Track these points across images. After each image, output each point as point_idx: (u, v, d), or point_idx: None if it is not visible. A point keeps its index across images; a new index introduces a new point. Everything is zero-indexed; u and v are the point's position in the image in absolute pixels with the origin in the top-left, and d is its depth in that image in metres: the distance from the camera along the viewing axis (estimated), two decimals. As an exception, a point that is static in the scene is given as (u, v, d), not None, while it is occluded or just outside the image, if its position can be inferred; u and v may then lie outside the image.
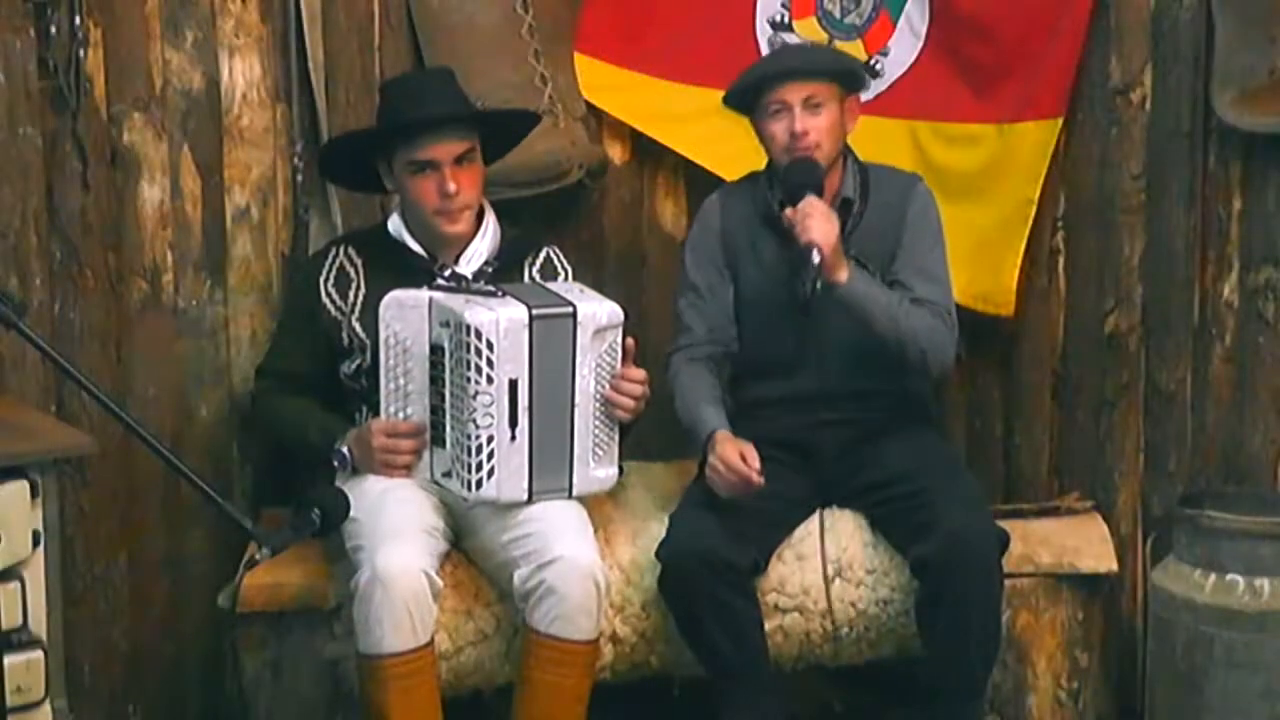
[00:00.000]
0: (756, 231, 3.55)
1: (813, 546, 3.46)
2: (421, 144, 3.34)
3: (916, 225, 3.51)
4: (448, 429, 3.28)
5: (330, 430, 3.43)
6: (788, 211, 3.38)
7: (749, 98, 3.51)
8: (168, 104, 3.69)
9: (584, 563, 3.18)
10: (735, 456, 3.31)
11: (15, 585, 3.03)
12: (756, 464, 3.31)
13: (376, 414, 3.38)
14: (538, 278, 3.51)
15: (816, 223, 3.30)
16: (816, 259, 3.27)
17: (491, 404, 3.20)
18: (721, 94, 3.98)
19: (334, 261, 3.50)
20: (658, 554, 3.32)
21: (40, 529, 3.07)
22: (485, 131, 3.44)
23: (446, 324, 3.24)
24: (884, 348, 3.42)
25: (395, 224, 3.48)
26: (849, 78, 3.53)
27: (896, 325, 3.40)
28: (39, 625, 3.08)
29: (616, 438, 3.37)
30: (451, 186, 3.34)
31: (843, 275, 3.35)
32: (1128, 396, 3.91)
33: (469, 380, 3.20)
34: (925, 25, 3.96)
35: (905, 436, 3.52)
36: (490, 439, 3.22)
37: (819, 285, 3.27)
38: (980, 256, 3.81)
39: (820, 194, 3.39)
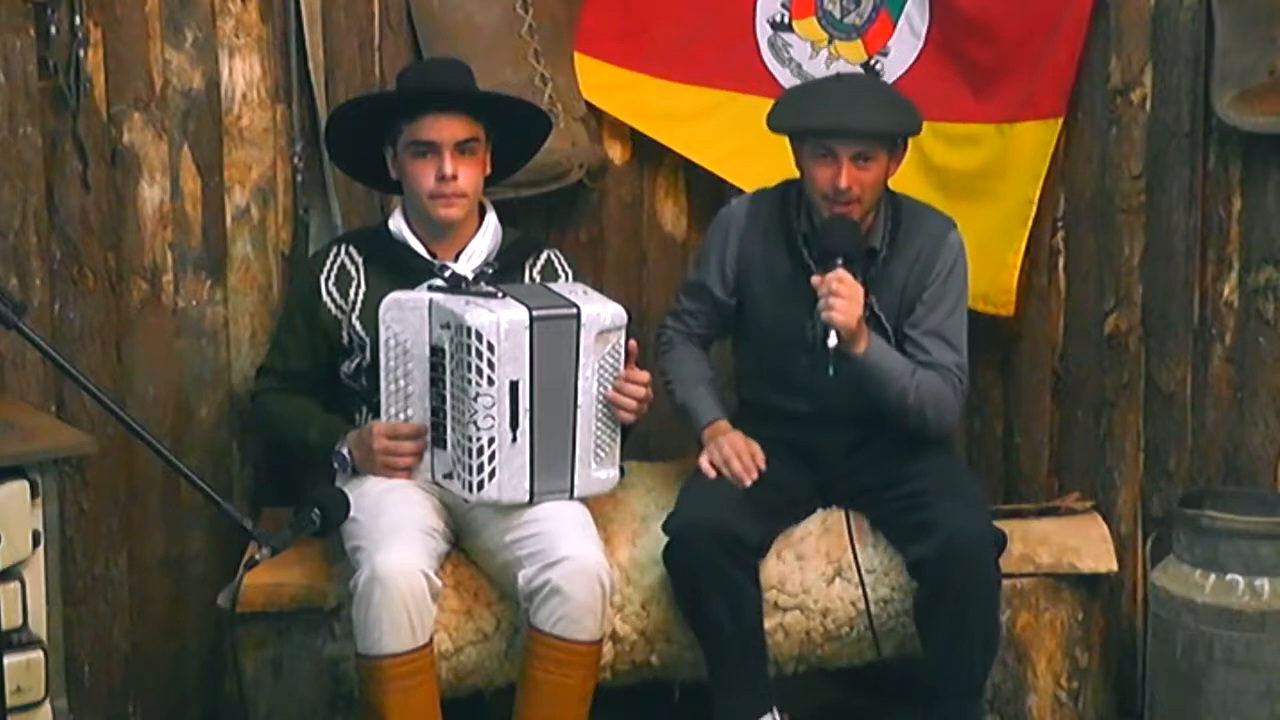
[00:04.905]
0: (773, 248, 3.51)
1: (812, 546, 3.46)
2: (426, 121, 3.33)
3: (942, 283, 3.45)
4: (449, 430, 3.27)
5: (331, 431, 3.43)
6: (815, 278, 3.31)
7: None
8: (168, 104, 3.68)
9: (590, 563, 3.18)
10: (744, 447, 3.35)
11: (15, 585, 3.04)
12: (761, 463, 3.36)
13: (377, 414, 3.37)
14: (538, 280, 3.51)
15: (841, 304, 3.25)
16: (834, 342, 3.25)
17: (492, 406, 3.20)
18: (721, 94, 3.99)
19: (335, 260, 3.49)
20: (665, 526, 3.33)
21: (40, 529, 3.08)
22: (495, 134, 3.43)
23: (447, 325, 3.23)
24: (887, 409, 3.41)
25: (396, 222, 3.47)
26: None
27: (905, 398, 3.38)
28: (39, 625, 3.09)
29: (618, 439, 3.36)
30: (449, 169, 3.33)
31: (860, 348, 3.32)
32: (1128, 396, 3.91)
33: (470, 382, 3.20)
34: (925, 25, 3.96)
35: (906, 438, 3.52)
36: (491, 440, 3.21)
37: (833, 366, 3.25)
38: (980, 256, 3.79)
39: (854, 261, 3.32)
